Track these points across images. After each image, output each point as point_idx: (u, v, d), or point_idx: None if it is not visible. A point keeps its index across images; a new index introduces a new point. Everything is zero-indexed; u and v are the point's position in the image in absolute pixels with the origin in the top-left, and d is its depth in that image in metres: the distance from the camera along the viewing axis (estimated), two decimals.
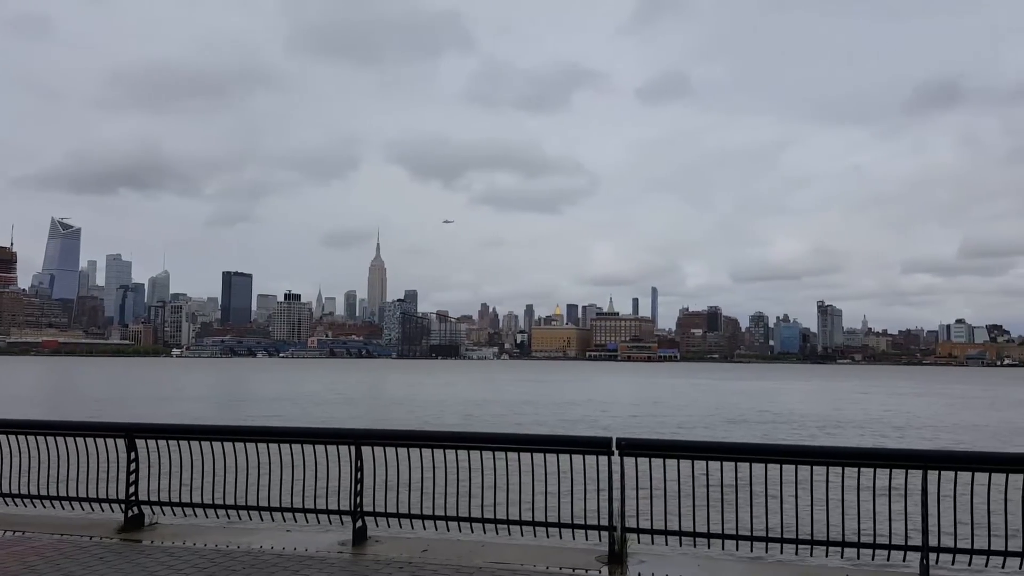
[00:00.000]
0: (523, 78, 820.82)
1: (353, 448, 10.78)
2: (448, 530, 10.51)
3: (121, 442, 11.61)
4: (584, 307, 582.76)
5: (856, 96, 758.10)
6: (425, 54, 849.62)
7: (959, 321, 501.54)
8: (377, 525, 10.76)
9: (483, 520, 10.35)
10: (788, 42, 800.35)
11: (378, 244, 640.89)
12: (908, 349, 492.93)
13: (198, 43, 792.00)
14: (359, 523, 10.60)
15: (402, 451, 10.84)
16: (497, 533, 10.32)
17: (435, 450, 10.79)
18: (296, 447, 11.15)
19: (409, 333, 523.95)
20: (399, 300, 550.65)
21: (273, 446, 11.27)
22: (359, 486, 10.64)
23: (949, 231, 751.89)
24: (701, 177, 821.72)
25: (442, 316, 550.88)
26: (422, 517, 10.59)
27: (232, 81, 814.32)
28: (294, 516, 11.07)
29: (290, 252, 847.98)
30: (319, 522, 11.01)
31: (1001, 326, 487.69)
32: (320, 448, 11.10)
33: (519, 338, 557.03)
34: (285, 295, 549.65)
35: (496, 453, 10.51)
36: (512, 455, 10.41)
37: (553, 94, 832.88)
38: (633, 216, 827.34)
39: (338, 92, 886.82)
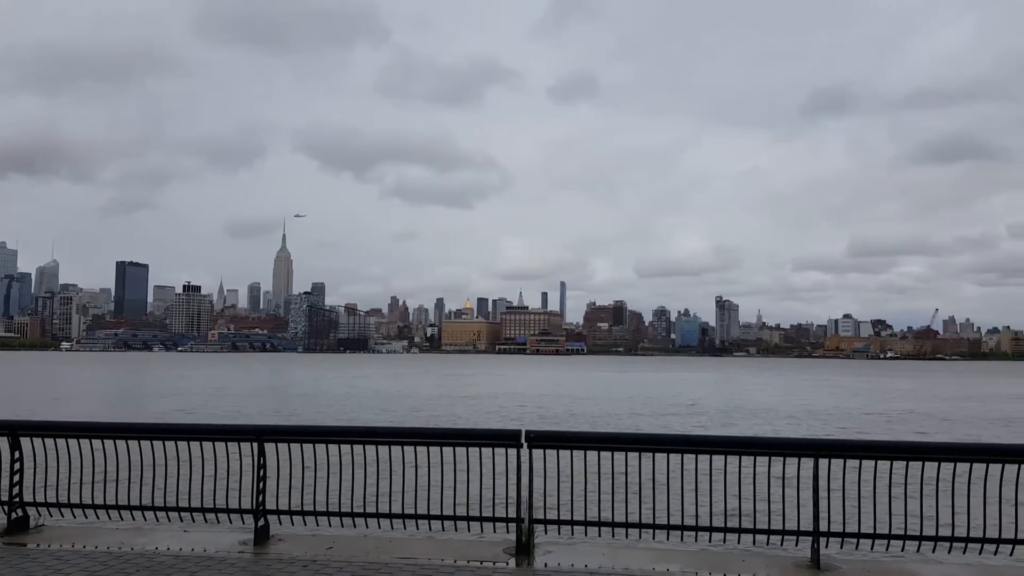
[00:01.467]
0: (437, 72, 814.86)
1: (255, 444, 10.50)
2: (355, 526, 10.36)
3: (4, 440, 10.98)
4: (494, 301, 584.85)
5: (756, 101, 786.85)
6: (338, 44, 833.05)
7: (846, 316, 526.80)
8: (281, 523, 10.52)
9: (391, 515, 10.25)
10: (693, 47, 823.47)
11: (284, 235, 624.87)
12: (799, 342, 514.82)
13: (98, 22, 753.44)
14: (261, 521, 10.33)
15: (307, 447, 10.62)
16: (405, 528, 10.24)
17: (342, 445, 10.62)
18: (195, 444, 10.77)
19: (316, 326, 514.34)
20: (306, 293, 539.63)
21: (170, 443, 10.86)
22: (262, 484, 10.36)
23: (838, 231, 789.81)
24: (609, 175, 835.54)
25: (350, 309, 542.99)
26: (328, 514, 10.39)
27: (134, 63, 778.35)
28: (192, 516, 10.70)
29: (191, 242, 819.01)
30: (219, 521, 10.68)
31: (884, 321, 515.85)
32: (221, 445, 10.74)
33: (429, 331, 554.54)
34: (184, 286, 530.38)
35: (405, 448, 10.43)
36: (421, 449, 10.36)
37: (467, 89, 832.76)
38: (544, 212, 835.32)
39: (247, 79, 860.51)
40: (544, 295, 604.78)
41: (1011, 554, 9.19)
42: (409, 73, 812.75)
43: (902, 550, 9.46)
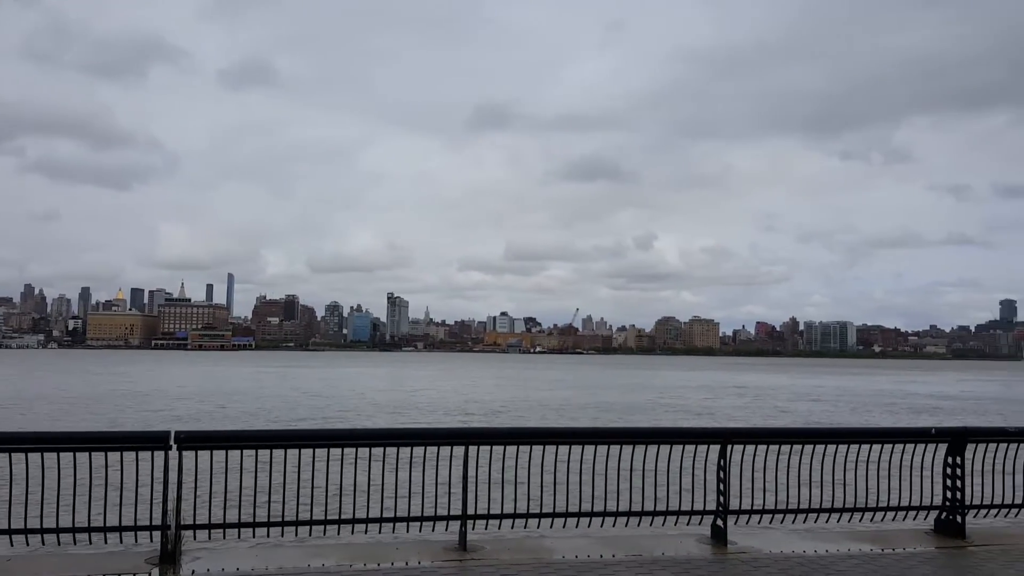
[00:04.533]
0: (94, 42, 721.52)
1: None
2: None
3: None
4: (152, 292, 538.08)
5: (429, 108, 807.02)
6: None
7: (503, 313, 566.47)
8: None
9: (10, 531, 8.97)
10: (370, 48, 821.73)
11: None
12: (462, 338, 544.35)
13: None
14: None
15: None
16: (28, 544, 9.04)
17: None
18: None
19: None
20: None
21: None
22: None
23: (496, 235, 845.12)
24: (283, 167, 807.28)
25: None
26: None
27: None
28: None
29: None
30: None
31: (535, 318, 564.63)
32: None
33: (71, 324, 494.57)
34: None
35: (30, 454, 9.16)
36: (51, 455, 9.10)
37: (128, 64, 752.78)
38: (212, 199, 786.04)
39: None
40: (209, 287, 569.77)
41: (626, 524, 10.60)
42: (60, 39, 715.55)
43: (538, 527, 10.47)
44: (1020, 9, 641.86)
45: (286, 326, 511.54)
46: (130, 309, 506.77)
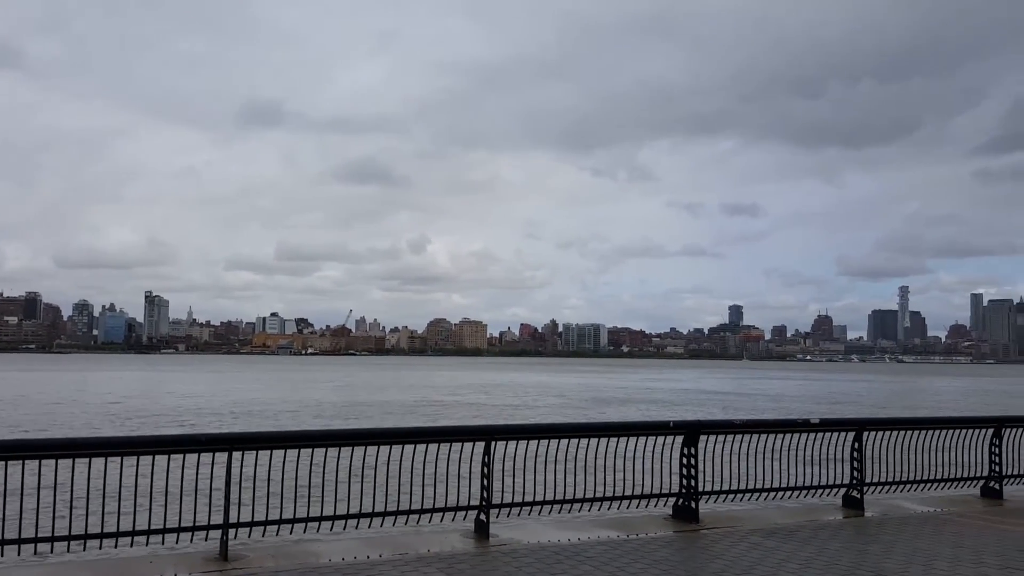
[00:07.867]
0: None
1: None
2: None
3: None
4: None
5: (193, 101, 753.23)
6: None
7: (273, 314, 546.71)
8: None
9: None
10: (130, 36, 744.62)
11: None
12: (229, 339, 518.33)
13: None
14: None
15: None
16: None
17: None
18: None
19: None
20: None
21: None
22: None
23: (268, 234, 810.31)
24: (26, 155, 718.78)
25: None
26: None
27: None
28: None
29: None
30: None
31: (307, 319, 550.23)
32: None
33: None
34: None
35: None
36: None
37: None
38: None
39: None
40: None
41: (394, 524, 10.79)
42: None
43: (304, 531, 10.36)
44: (746, 47, 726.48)
45: (26, 326, 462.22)
46: None
